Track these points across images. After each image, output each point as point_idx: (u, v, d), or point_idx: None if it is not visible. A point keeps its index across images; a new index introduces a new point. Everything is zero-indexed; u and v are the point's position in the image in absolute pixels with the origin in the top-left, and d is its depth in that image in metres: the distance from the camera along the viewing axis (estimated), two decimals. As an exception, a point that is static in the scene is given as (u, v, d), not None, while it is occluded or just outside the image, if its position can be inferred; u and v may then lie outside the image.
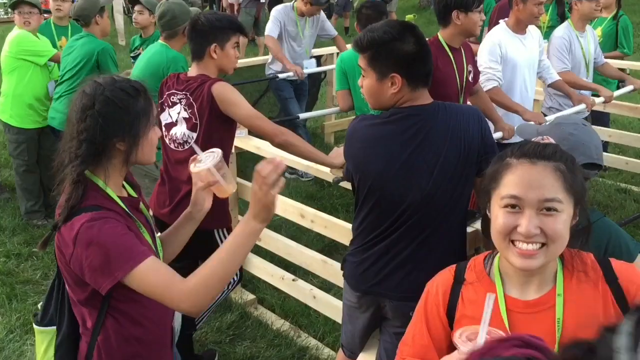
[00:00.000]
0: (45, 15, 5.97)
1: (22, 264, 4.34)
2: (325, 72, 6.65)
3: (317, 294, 3.38)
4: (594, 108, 4.46)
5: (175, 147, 2.97)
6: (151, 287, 1.65)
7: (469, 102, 3.76)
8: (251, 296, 3.81)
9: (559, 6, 5.99)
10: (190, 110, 2.88)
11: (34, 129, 4.85)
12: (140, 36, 5.27)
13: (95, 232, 1.64)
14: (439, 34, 3.53)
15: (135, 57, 5.05)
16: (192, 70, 2.95)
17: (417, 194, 2.05)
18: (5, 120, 4.85)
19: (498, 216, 1.37)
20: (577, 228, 1.40)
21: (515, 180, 1.35)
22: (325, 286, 3.63)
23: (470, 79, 3.61)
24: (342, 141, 6.87)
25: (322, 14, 5.77)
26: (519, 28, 3.98)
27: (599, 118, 5.04)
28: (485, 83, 3.84)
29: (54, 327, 1.89)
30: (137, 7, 5.03)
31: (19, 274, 4.21)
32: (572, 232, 1.37)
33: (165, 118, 2.98)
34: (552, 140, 1.90)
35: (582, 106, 4.26)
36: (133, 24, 5.31)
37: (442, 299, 1.50)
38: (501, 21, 4.05)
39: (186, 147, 2.93)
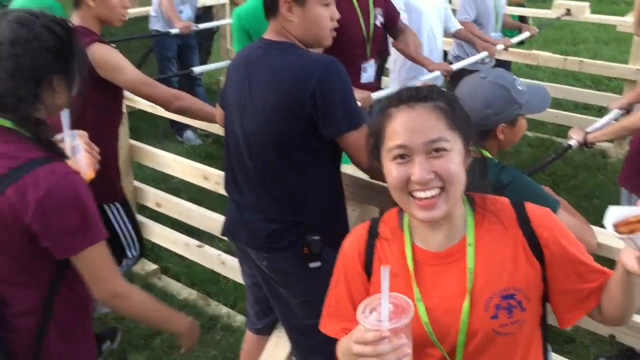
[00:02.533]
0: None
1: None
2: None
3: (225, 259, 3.19)
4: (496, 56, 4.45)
5: None
6: (99, 269, 1.60)
7: (392, 48, 3.62)
8: (154, 266, 3.56)
9: None
10: None
11: None
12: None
13: (73, 189, 1.51)
14: None
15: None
16: (73, 21, 2.60)
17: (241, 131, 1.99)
18: None
19: (390, 171, 1.29)
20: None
21: (397, 129, 1.28)
22: (230, 247, 3.45)
23: (378, 24, 3.45)
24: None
25: None
26: None
27: (501, 67, 5.07)
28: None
29: None
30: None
31: None
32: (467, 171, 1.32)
33: None
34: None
35: (485, 54, 4.24)
36: None
37: (359, 256, 1.42)
38: None
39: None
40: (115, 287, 1.64)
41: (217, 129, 2.92)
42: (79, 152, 1.69)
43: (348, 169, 2.14)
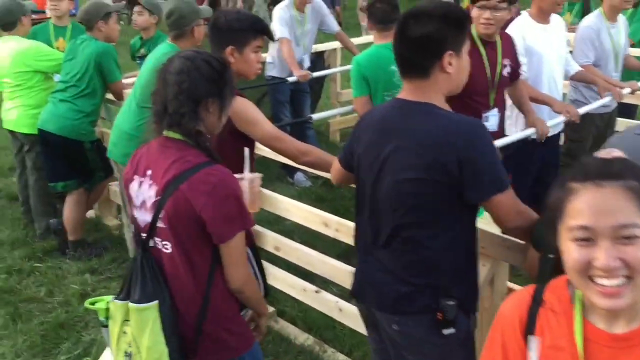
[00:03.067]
0: (33, 16, 5.72)
1: (24, 281, 4.12)
2: (328, 67, 6.45)
3: (343, 305, 3.19)
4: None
5: None
6: (240, 253, 1.99)
7: (506, 94, 3.58)
8: (270, 308, 3.62)
9: (585, 5, 5.81)
10: None
11: None
12: (141, 38, 5.05)
13: (233, 186, 1.94)
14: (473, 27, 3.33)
15: (141, 59, 4.83)
16: None
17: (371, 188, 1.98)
18: (27, 132, 4.49)
19: (569, 251, 1.20)
20: None
21: (581, 208, 1.18)
22: (346, 293, 3.45)
23: (505, 73, 3.41)
24: (347, 139, 6.75)
25: (324, 6, 5.57)
26: (542, 17, 3.79)
27: (623, 110, 4.86)
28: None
29: (156, 302, 1.94)
30: (136, 8, 4.82)
31: (21, 291, 4.00)
32: None
33: None
34: (619, 154, 1.67)
35: (608, 98, 4.08)
36: (132, 25, 5.09)
37: (519, 323, 1.34)
38: (523, 12, 3.86)
39: None
40: (247, 273, 2.05)
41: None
42: (254, 188, 2.28)
43: (479, 223, 2.11)
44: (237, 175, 2.17)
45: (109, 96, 4.40)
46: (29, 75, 4.43)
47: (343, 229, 3.04)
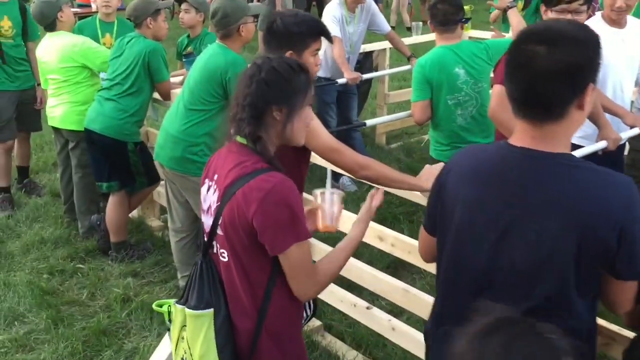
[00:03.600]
0: (78, 10, 5.66)
1: (66, 282, 4.06)
2: (376, 68, 6.27)
3: (396, 324, 3.03)
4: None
5: None
6: (300, 267, 1.87)
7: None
8: (317, 322, 3.47)
9: None
10: None
11: None
12: (188, 36, 4.95)
13: (287, 193, 1.84)
14: None
15: (187, 57, 4.73)
16: None
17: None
18: (73, 128, 4.42)
19: None
20: None
21: None
22: (397, 309, 3.29)
23: None
24: (393, 142, 6.55)
25: (374, 5, 5.38)
26: (613, 21, 3.53)
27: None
28: None
29: (211, 310, 1.92)
30: (183, 6, 4.71)
31: (63, 293, 3.93)
32: None
33: None
34: None
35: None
36: (180, 23, 4.98)
37: None
38: (598, 13, 3.62)
39: None
40: (312, 288, 1.94)
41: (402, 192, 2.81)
42: (334, 205, 2.13)
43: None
44: (317, 190, 2.15)
45: (156, 96, 4.29)
46: (76, 70, 4.36)
47: (399, 244, 2.88)
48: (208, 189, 2.01)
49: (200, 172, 3.47)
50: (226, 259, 1.94)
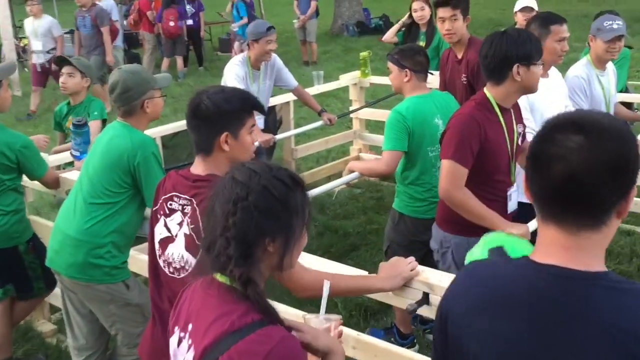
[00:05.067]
0: None
1: None
2: (280, 122, 5.87)
3: None
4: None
5: (170, 272, 2.19)
6: None
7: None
8: None
9: None
10: (193, 226, 2.11)
11: None
12: (68, 103, 4.28)
13: (294, 352, 1.42)
14: (486, 92, 2.84)
15: (78, 128, 4.03)
16: (198, 166, 2.19)
17: None
18: None
19: None
20: None
21: None
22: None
23: (520, 142, 2.96)
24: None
25: (279, 60, 5.01)
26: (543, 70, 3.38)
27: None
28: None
29: None
30: (66, 69, 4.06)
31: None
32: None
33: (159, 231, 2.21)
34: None
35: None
36: (60, 88, 4.30)
37: None
38: None
39: (183, 274, 2.15)
40: None
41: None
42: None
43: None
44: (308, 315, 1.67)
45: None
46: None
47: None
48: (179, 342, 1.55)
49: (107, 278, 2.93)
50: None
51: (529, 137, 3.25)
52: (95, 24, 8.99)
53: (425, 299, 2.17)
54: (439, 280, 2.17)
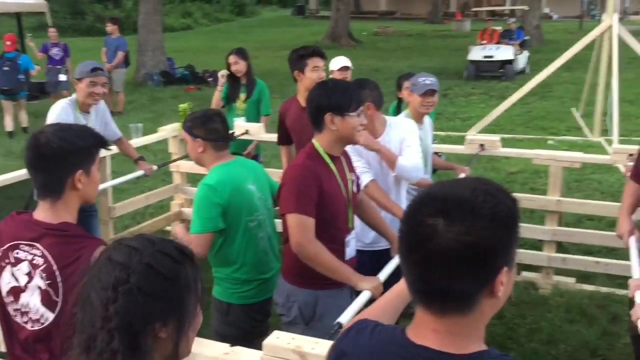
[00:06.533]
0: None
1: None
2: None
3: None
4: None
5: (24, 321, 2.00)
6: None
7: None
8: None
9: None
10: (49, 282, 1.92)
11: None
12: None
13: None
14: (314, 142, 2.84)
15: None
16: (46, 212, 1.99)
17: None
18: None
19: None
20: None
21: None
22: None
23: (355, 189, 2.99)
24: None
25: (108, 112, 4.70)
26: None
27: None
28: (362, 177, 3.31)
29: None
30: None
31: None
32: None
33: (7, 280, 2.01)
34: None
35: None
36: None
37: None
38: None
39: (37, 327, 1.97)
40: None
41: None
42: None
43: None
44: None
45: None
46: None
47: None
48: None
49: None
50: None
51: (366, 177, 3.32)
52: None
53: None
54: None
